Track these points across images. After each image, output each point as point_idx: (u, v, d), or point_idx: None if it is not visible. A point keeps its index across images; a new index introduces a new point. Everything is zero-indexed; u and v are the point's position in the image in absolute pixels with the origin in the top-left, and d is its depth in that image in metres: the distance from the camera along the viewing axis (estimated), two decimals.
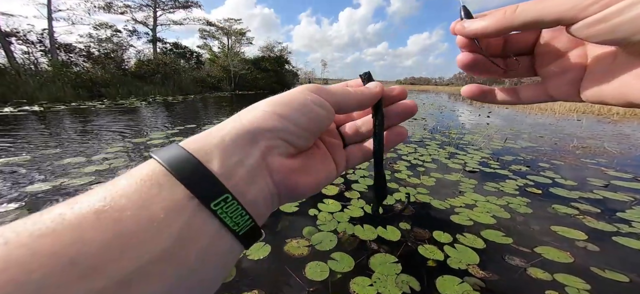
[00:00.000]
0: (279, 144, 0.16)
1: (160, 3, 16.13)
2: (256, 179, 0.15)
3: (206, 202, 0.13)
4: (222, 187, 0.13)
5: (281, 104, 0.17)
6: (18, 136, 3.44)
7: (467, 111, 8.00)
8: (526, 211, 1.69)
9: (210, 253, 0.13)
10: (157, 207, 0.12)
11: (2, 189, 1.83)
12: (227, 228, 0.13)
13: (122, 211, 0.11)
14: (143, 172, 0.13)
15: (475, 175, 2.31)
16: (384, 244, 1.31)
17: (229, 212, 0.13)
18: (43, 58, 10.96)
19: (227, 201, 0.13)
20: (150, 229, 0.11)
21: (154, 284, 0.11)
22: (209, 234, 0.13)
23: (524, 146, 3.47)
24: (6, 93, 7.42)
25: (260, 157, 0.15)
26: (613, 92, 0.15)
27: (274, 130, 0.16)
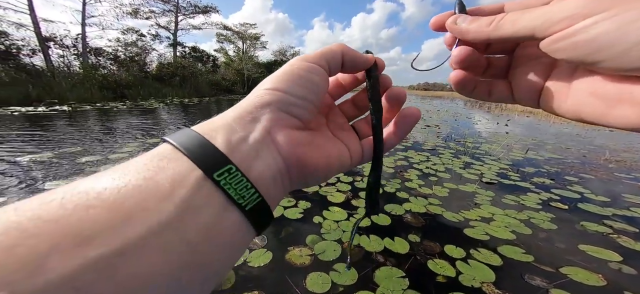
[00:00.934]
0: (281, 116, 0.16)
1: (182, 8, 16.94)
2: (262, 154, 0.15)
3: (209, 172, 0.13)
4: (226, 159, 0.13)
5: (273, 80, 0.17)
6: (45, 134, 3.68)
7: (484, 119, 7.66)
8: (550, 227, 1.55)
9: (215, 228, 0.12)
10: (161, 177, 0.12)
11: (19, 186, 1.94)
12: (232, 201, 0.13)
13: (129, 180, 0.11)
14: (155, 151, 0.14)
15: (493, 187, 2.17)
16: (391, 256, 1.24)
17: (233, 183, 0.13)
18: (75, 61, 11.83)
19: (231, 172, 0.13)
20: (152, 199, 0.11)
21: (152, 257, 0.10)
22: (213, 207, 0.12)
23: (547, 158, 3.24)
24: (41, 93, 8.02)
25: (264, 132, 0.15)
26: (568, 106, 0.16)
27: (273, 103, 0.16)
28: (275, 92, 0.16)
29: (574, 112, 0.16)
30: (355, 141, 0.22)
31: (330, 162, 0.18)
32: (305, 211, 1.60)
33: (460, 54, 0.19)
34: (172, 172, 0.12)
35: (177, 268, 0.11)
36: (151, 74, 13.60)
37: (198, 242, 0.12)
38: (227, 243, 0.13)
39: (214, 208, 0.12)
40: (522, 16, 0.15)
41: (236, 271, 1.09)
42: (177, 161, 0.13)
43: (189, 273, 0.11)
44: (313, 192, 1.86)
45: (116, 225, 0.10)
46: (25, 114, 5.38)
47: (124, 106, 7.74)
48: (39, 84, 8.51)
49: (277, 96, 0.16)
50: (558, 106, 0.17)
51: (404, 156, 2.93)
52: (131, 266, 0.10)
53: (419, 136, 4.31)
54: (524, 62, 0.19)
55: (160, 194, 0.11)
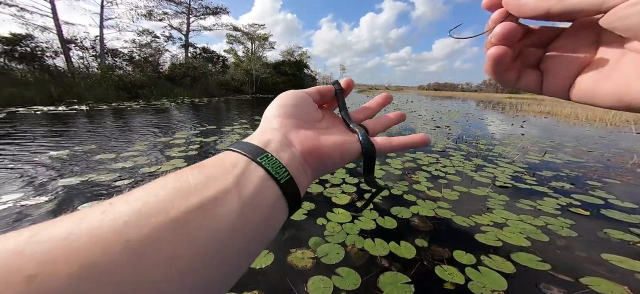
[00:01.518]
0: (289, 122, 0.22)
1: (193, 10, 17.36)
2: (285, 149, 0.20)
3: (254, 157, 0.18)
4: (263, 150, 0.19)
5: (276, 107, 0.23)
6: (65, 131, 3.85)
7: (498, 120, 7.38)
8: (569, 234, 1.46)
9: (260, 194, 0.17)
10: (225, 162, 0.18)
11: (37, 182, 2.03)
12: (270, 175, 0.18)
13: (207, 166, 0.17)
14: (218, 155, 0.19)
15: (507, 191, 2.07)
16: (396, 261, 1.19)
17: (270, 164, 0.18)
18: (94, 62, 12.36)
19: (268, 157, 0.19)
20: (221, 174, 0.16)
21: (224, 207, 0.15)
22: (257, 176, 0.17)
23: (567, 161, 3.07)
24: (62, 94, 8.45)
25: (282, 136, 0.21)
26: (608, 90, 0.16)
27: (280, 116, 0.22)
28: (279, 107, 0.23)
29: (616, 96, 0.15)
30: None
31: (340, 146, 0.23)
32: (309, 212, 1.58)
33: (505, 28, 0.18)
34: (231, 159, 0.18)
35: (234, 220, 0.15)
36: (164, 75, 14.02)
37: (247, 202, 0.16)
38: (267, 210, 0.17)
39: (258, 179, 0.17)
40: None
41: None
42: (233, 154, 0.18)
43: (242, 225, 0.15)
44: (317, 193, 1.84)
45: (203, 188, 0.15)
46: (47, 113, 5.66)
47: (137, 106, 8.01)
48: (60, 84, 8.95)
49: (282, 110, 0.23)
50: (597, 92, 0.16)
51: (412, 158, 2.85)
52: (210, 214, 0.14)
53: (429, 136, 4.20)
54: (560, 51, 0.19)
55: (225, 171, 0.17)
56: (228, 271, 0.15)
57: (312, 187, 1.90)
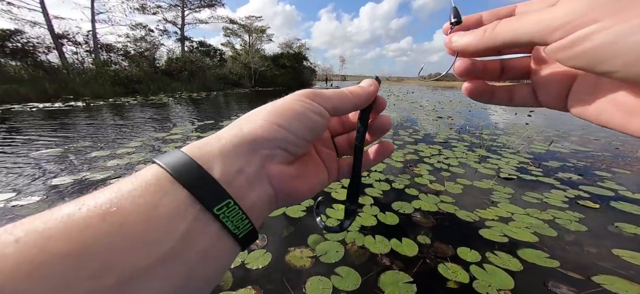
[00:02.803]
0: (277, 153, 0.17)
1: (188, 2, 16.97)
2: (255, 186, 0.16)
3: (209, 207, 0.13)
4: (225, 193, 0.14)
5: (279, 115, 0.17)
6: (60, 128, 3.79)
7: (501, 109, 7.26)
8: (579, 228, 1.41)
9: (211, 253, 0.14)
10: (162, 210, 0.12)
11: (29, 181, 1.97)
12: (227, 231, 0.14)
13: (128, 214, 0.12)
14: (147, 177, 0.13)
15: (512, 183, 2.01)
16: (398, 259, 1.14)
17: (230, 216, 0.14)
18: (88, 57, 12.16)
19: (229, 206, 0.14)
20: (155, 231, 0.12)
21: (160, 282, 0.11)
22: (210, 236, 0.14)
23: (574, 150, 3.00)
24: (57, 90, 8.34)
25: (259, 166, 0.16)
26: (592, 112, 0.16)
27: (274, 140, 0.16)
28: (279, 128, 0.17)
29: (597, 119, 0.15)
30: (333, 162, 0.23)
31: (312, 189, 0.20)
32: (307, 208, 1.52)
33: (459, 67, 0.19)
34: (171, 206, 0.13)
35: (178, 287, 0.12)
36: (161, 69, 13.82)
37: (196, 264, 0.13)
38: (220, 262, 0.15)
39: (210, 237, 0.14)
40: (519, 21, 0.15)
41: (233, 273, 1.04)
42: (175, 193, 0.13)
43: (187, 290, 0.13)
44: None
45: (126, 255, 0.11)
46: (43, 110, 5.59)
47: (135, 101, 7.92)
48: (55, 80, 8.83)
49: (280, 133, 0.17)
50: (585, 113, 0.16)
51: (413, 150, 2.78)
52: (142, 288, 0.11)
53: (430, 127, 4.12)
54: (546, 63, 0.18)
55: (163, 227, 0.12)
56: None
57: None
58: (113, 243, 0.11)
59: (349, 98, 0.20)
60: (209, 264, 0.14)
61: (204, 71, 15.05)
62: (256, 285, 1.00)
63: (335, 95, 0.19)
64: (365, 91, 0.21)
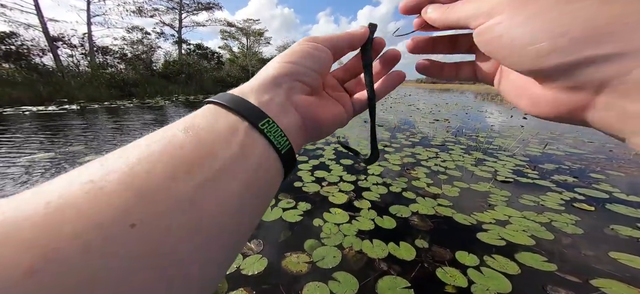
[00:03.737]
0: (296, 85, 0.20)
1: (185, 5, 16.95)
2: (286, 112, 0.18)
3: (255, 122, 0.16)
4: (264, 113, 0.17)
5: (291, 55, 0.20)
6: (54, 132, 3.72)
7: (497, 112, 7.34)
8: (575, 231, 1.41)
9: (263, 164, 0.16)
10: (221, 127, 0.15)
11: (19, 188, 1.93)
12: (272, 145, 0.17)
13: (199, 129, 0.15)
14: (204, 109, 0.17)
15: (509, 186, 2.01)
16: (396, 264, 1.13)
17: (272, 131, 0.17)
18: (83, 60, 12.04)
19: (270, 123, 0.17)
20: (220, 142, 0.14)
21: (230, 181, 0.14)
22: (260, 147, 0.16)
23: (569, 152, 3.03)
24: (52, 93, 8.22)
25: (285, 97, 0.19)
26: (504, 89, 0.19)
27: (290, 74, 0.20)
28: (292, 64, 0.20)
29: (506, 95, 0.19)
30: (347, 99, 0.25)
31: (335, 118, 0.22)
32: (304, 212, 1.50)
33: (409, 45, 0.23)
34: (227, 123, 0.16)
35: (242, 189, 0.14)
36: (157, 72, 13.74)
37: (252, 172, 0.15)
38: (269, 178, 0.16)
39: (260, 149, 0.16)
40: (464, 6, 0.17)
41: (227, 279, 1.01)
42: (227, 116, 0.16)
43: (248, 195, 0.15)
44: (314, 192, 1.77)
45: (205, 160, 0.13)
46: (37, 113, 5.50)
47: (131, 104, 7.83)
48: (49, 83, 8.72)
49: (294, 68, 0.20)
50: (501, 88, 0.19)
51: (411, 153, 2.79)
52: (220, 185, 0.13)
53: (427, 130, 4.14)
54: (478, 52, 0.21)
55: (224, 139, 0.15)
56: (236, 240, 0.15)
57: (308, 186, 1.83)
58: (195, 150, 0.13)
59: (343, 35, 0.23)
60: (261, 176, 0.16)
61: (201, 74, 15.00)
62: (248, 287, 0.99)
63: (329, 35, 0.22)
64: (359, 31, 0.23)
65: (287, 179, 0.18)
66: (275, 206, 1.55)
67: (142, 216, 0.10)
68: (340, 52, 0.23)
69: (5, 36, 9.52)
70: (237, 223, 0.14)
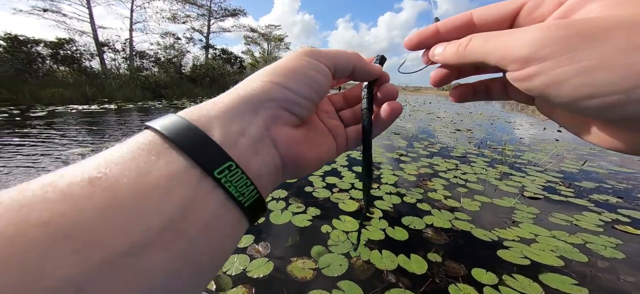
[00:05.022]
0: (281, 114, 0.16)
1: (214, 12, 18.04)
2: (260, 150, 0.15)
3: (209, 170, 0.12)
4: (225, 155, 0.13)
5: (280, 73, 0.16)
6: (93, 129, 4.13)
7: (527, 124, 6.81)
8: (614, 254, 1.26)
9: (215, 225, 0.12)
10: (155, 176, 0.11)
11: None
12: (232, 198, 0.13)
13: (118, 179, 0.10)
14: (139, 141, 0.12)
15: (537, 203, 1.85)
16: (405, 276, 1.08)
17: (233, 181, 0.13)
18: (124, 64, 13.27)
19: (232, 169, 0.13)
20: (149, 200, 0.10)
21: (155, 257, 0.10)
22: (213, 205, 0.12)
23: (612, 171, 2.71)
24: (96, 93, 9.14)
25: (263, 127, 0.15)
26: (552, 113, 0.17)
27: (275, 100, 0.15)
28: (280, 87, 0.16)
29: (555, 121, 0.17)
30: (341, 131, 0.22)
31: (321, 157, 0.19)
32: (314, 218, 1.50)
33: (434, 78, 0.21)
34: (167, 170, 0.11)
35: (178, 264, 0.11)
36: (186, 75, 14.70)
37: (197, 238, 0.11)
38: (226, 237, 0.13)
39: (213, 206, 0.12)
40: (485, 45, 0.15)
41: (234, 281, 1.04)
42: (170, 156, 0.12)
43: (189, 267, 0.11)
44: (324, 198, 1.76)
45: (116, 227, 0.10)
46: (82, 112, 6.14)
47: (160, 105, 8.46)
48: (94, 84, 9.70)
49: (282, 93, 0.16)
50: (546, 111, 0.18)
51: (428, 163, 2.68)
52: (135, 266, 0.10)
53: (448, 140, 3.95)
54: None
55: (158, 196, 0.11)
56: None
57: (318, 192, 1.83)
58: (100, 213, 0.09)
59: (349, 56, 0.19)
60: (213, 240, 0.12)
61: (224, 78, 15.78)
62: (248, 284, 1.00)
63: (334, 52, 0.19)
64: (369, 65, 0.20)
65: (257, 220, 0.15)
66: (285, 209, 1.57)
67: None
68: (342, 74, 0.19)
69: (65, 42, 10.81)
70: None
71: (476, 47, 0.16)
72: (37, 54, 9.71)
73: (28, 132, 3.63)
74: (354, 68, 0.19)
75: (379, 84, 0.22)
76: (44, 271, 0.08)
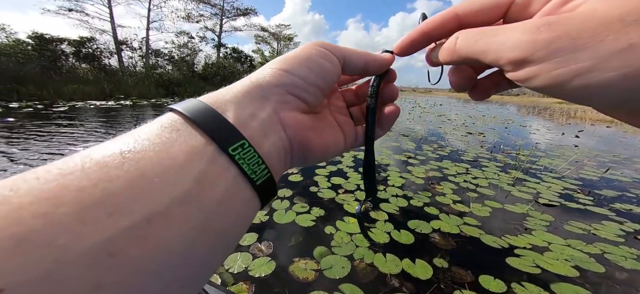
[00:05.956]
0: (289, 99, 0.17)
1: (226, 11, 18.41)
2: (269, 133, 0.15)
3: (224, 146, 0.13)
4: (239, 134, 0.14)
5: (288, 61, 0.17)
6: (107, 124, 4.31)
7: (544, 128, 6.52)
8: (635, 266, 1.20)
9: (229, 199, 0.13)
10: (177, 150, 0.12)
11: None
12: (244, 175, 0.13)
13: (144, 152, 0.11)
14: (163, 121, 0.13)
15: (553, 210, 1.77)
16: (409, 281, 1.06)
17: (246, 158, 0.13)
18: (140, 61, 13.77)
19: (244, 147, 0.14)
20: (171, 171, 0.11)
21: (175, 225, 0.11)
22: (227, 179, 0.13)
23: (638, 179, 2.55)
24: (113, 90, 9.54)
25: (272, 111, 0.16)
26: None
27: (283, 85, 0.16)
28: (287, 74, 0.16)
29: None
30: (351, 127, 0.22)
31: (328, 147, 0.19)
32: (318, 218, 1.50)
33: (453, 82, 0.20)
34: (187, 145, 0.12)
35: (194, 235, 0.11)
36: (197, 74, 15.06)
37: (212, 212, 0.12)
38: (238, 214, 0.13)
39: (227, 181, 0.13)
40: (476, 44, 0.15)
41: (235, 279, 1.05)
42: (189, 134, 0.13)
43: (203, 239, 0.12)
44: (329, 199, 1.76)
45: (141, 196, 0.10)
46: (99, 107, 6.43)
47: (173, 102, 8.68)
48: (112, 81, 10.13)
49: (289, 79, 0.16)
50: None
51: (437, 166, 2.61)
52: (156, 233, 0.10)
53: (458, 144, 3.84)
54: None
55: (178, 166, 0.12)
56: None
57: (323, 192, 1.82)
58: (128, 181, 0.10)
59: (361, 54, 0.20)
60: (227, 214, 0.13)
61: (234, 76, 16.07)
62: (248, 281, 1.01)
63: (347, 48, 0.19)
64: (381, 57, 0.20)
65: (269, 202, 0.16)
66: (289, 209, 1.57)
67: (18, 276, 0.08)
68: (352, 69, 0.19)
69: (87, 40, 11.35)
70: (181, 278, 0.11)
71: (464, 46, 0.15)
72: (61, 52, 10.23)
73: (57, 122, 3.83)
74: (366, 63, 0.20)
75: (387, 79, 0.22)
76: (82, 232, 0.09)
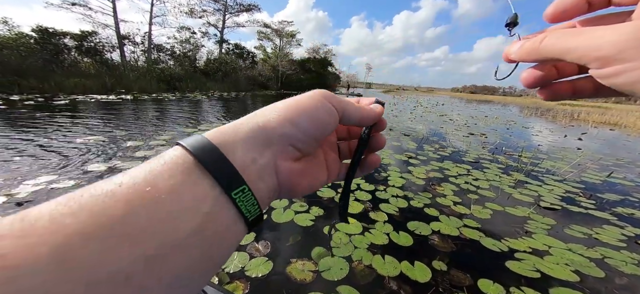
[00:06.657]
0: (288, 150, 0.18)
1: (229, 7, 18.28)
2: (265, 177, 0.17)
3: (228, 191, 0.15)
4: (241, 179, 0.15)
5: (295, 110, 0.18)
6: (108, 118, 4.30)
7: (547, 130, 6.48)
8: (635, 271, 1.20)
9: (226, 234, 0.15)
10: (187, 192, 0.14)
11: (70, 165, 2.25)
12: (241, 214, 0.15)
13: (160, 192, 0.13)
14: (174, 159, 0.15)
15: (554, 214, 1.75)
16: (407, 284, 1.06)
17: (244, 201, 0.15)
18: (142, 56, 13.71)
19: (245, 191, 0.15)
20: (182, 211, 0.13)
21: (184, 256, 0.13)
22: (227, 218, 0.15)
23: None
24: (114, 84, 9.52)
25: (271, 158, 0.17)
26: None
27: (286, 136, 0.18)
28: (292, 126, 0.18)
29: None
30: (336, 165, 0.24)
31: (312, 187, 0.21)
32: (316, 218, 1.49)
33: (527, 79, 0.20)
34: (196, 193, 0.14)
35: (194, 262, 0.13)
36: (199, 69, 15.01)
37: (212, 244, 0.14)
38: (231, 244, 0.16)
39: (227, 220, 0.15)
40: (563, 42, 0.15)
41: (231, 278, 1.04)
42: (198, 175, 0.14)
43: (202, 266, 0.14)
44: (328, 198, 1.75)
45: (158, 231, 0.12)
46: (100, 101, 6.42)
47: (174, 97, 8.71)
48: (113, 76, 10.11)
49: (293, 132, 0.18)
50: None
51: (438, 167, 2.60)
52: (168, 261, 0.12)
53: (460, 144, 3.82)
54: None
55: (190, 206, 0.13)
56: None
57: (322, 191, 1.81)
58: (149, 217, 0.12)
59: (357, 108, 0.21)
60: (222, 246, 0.15)
61: (236, 72, 16.00)
62: (242, 279, 1.01)
63: (348, 102, 0.21)
64: (373, 111, 0.22)
65: None
66: (288, 208, 1.56)
67: (59, 288, 0.10)
68: (348, 121, 0.21)
69: (88, 34, 11.31)
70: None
71: (551, 45, 0.16)
72: (63, 46, 10.20)
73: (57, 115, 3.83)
74: (361, 117, 0.21)
75: (376, 129, 0.24)
76: (104, 260, 0.11)
